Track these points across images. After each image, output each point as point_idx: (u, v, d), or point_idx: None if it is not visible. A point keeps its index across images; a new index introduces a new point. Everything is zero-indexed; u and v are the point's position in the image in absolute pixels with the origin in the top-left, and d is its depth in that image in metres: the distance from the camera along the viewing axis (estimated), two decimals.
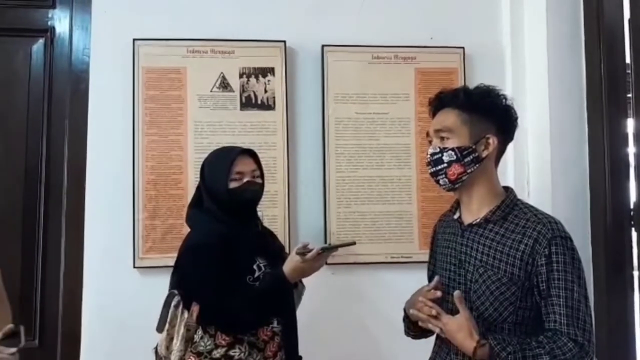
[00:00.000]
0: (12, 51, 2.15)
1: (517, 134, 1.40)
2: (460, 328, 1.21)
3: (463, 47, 2.19)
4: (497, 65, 2.21)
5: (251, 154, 1.65)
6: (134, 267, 2.01)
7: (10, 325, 1.22)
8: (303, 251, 1.50)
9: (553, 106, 1.96)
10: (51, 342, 2.05)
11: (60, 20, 2.16)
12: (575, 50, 1.98)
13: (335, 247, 1.60)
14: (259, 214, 1.72)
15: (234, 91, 2.10)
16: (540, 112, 1.99)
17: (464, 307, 1.23)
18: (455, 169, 1.30)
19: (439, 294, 1.29)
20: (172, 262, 1.64)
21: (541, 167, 1.98)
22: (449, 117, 1.32)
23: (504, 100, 1.34)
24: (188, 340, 1.53)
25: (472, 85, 1.40)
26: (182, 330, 1.52)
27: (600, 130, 1.89)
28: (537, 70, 2.04)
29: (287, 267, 1.52)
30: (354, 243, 1.68)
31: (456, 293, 1.23)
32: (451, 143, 1.30)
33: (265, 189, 1.69)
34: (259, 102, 2.10)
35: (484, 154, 1.30)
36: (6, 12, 2.15)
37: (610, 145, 1.86)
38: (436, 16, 2.22)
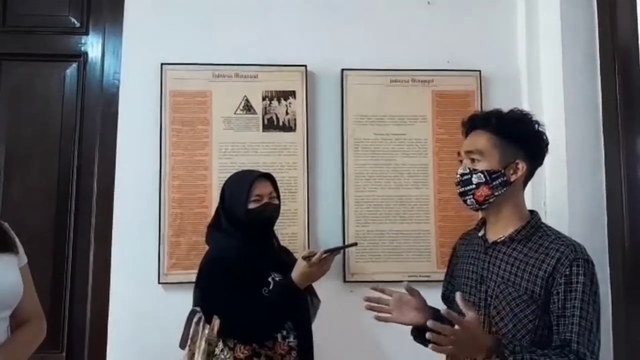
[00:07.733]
0: (48, 75, 2.25)
1: None
2: (469, 333, 1.12)
3: (479, 70, 2.21)
4: (513, 87, 2.22)
5: (269, 177, 1.72)
6: (159, 282, 2.05)
7: None
8: (308, 255, 1.56)
9: (569, 127, 1.97)
10: (78, 354, 2.10)
11: (92, 46, 2.26)
12: (590, 71, 1.99)
13: (338, 249, 1.67)
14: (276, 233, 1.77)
15: (256, 113, 2.16)
16: (557, 133, 1.97)
17: (469, 307, 1.16)
18: (483, 191, 1.32)
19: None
20: (195, 278, 1.68)
21: (558, 188, 1.98)
22: (480, 140, 1.34)
23: (536, 126, 1.35)
24: (209, 355, 1.56)
25: (488, 107, 1.43)
26: (203, 345, 1.57)
27: (616, 150, 1.89)
28: (553, 92, 2.04)
29: (295, 272, 1.58)
30: (355, 244, 1.79)
31: (457, 294, 1.17)
32: (481, 165, 1.32)
33: (286, 207, 1.75)
34: (281, 124, 2.16)
35: (512, 178, 1.32)
36: (43, 38, 2.26)
37: (627, 164, 1.85)
38: (453, 40, 2.25)
